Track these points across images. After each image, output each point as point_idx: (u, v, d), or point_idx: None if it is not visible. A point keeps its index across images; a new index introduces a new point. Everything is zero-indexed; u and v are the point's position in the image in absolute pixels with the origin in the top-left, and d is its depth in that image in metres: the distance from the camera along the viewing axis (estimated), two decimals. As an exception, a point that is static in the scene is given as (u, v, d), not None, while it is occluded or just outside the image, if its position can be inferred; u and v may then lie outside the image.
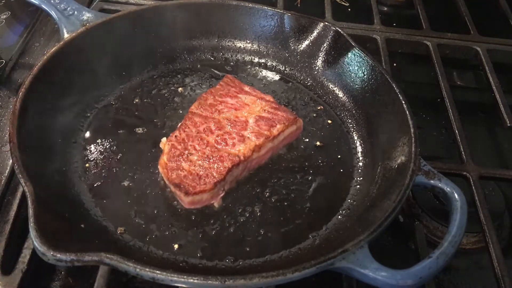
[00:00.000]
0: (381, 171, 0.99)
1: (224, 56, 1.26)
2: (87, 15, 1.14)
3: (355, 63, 1.13)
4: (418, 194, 1.07)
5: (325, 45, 1.19)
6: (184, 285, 0.72)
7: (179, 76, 1.20)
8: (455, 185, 0.88)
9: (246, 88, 1.10)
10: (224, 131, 1.00)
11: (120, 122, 1.08)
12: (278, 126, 1.02)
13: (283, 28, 1.22)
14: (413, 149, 0.92)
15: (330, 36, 1.17)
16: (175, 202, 0.94)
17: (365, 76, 1.11)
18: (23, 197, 0.93)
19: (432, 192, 1.05)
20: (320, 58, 1.20)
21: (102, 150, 1.02)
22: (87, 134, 1.04)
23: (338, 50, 1.17)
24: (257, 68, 1.24)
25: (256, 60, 1.25)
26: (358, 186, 1.01)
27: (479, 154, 1.16)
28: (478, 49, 1.39)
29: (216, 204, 0.94)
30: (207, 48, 1.25)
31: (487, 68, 1.33)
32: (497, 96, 1.25)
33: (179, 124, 1.03)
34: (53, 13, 1.13)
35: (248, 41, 1.25)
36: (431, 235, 1.03)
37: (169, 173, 0.92)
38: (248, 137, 0.99)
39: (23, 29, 1.30)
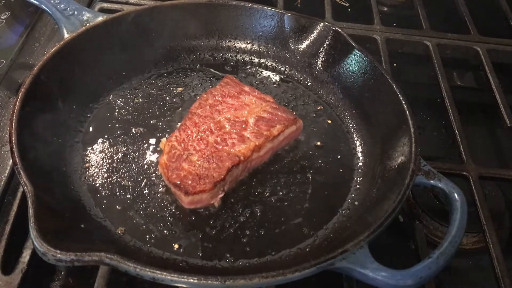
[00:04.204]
0: (381, 171, 0.99)
1: (224, 56, 1.26)
2: (87, 15, 1.14)
3: (355, 63, 1.13)
4: (418, 194, 1.06)
5: (325, 45, 1.19)
6: (184, 285, 0.72)
7: (179, 76, 1.20)
8: (455, 185, 0.88)
9: (246, 88, 1.10)
10: (224, 131, 1.00)
11: (120, 122, 1.08)
12: (278, 126, 1.02)
13: (283, 28, 1.22)
14: (413, 149, 0.92)
15: (330, 36, 1.17)
16: (175, 202, 0.94)
17: (365, 76, 1.11)
18: (23, 197, 0.93)
19: (432, 192, 1.06)
20: (320, 58, 1.20)
21: (102, 150, 1.02)
22: (87, 134, 1.04)
23: (338, 50, 1.17)
24: (257, 68, 1.24)
25: (256, 60, 1.25)
26: (358, 186, 1.01)
27: (479, 154, 1.16)
28: (478, 49, 1.39)
29: (216, 204, 0.94)
30: (207, 48, 1.25)
31: (487, 68, 1.33)
32: (497, 96, 1.25)
33: (179, 124, 1.03)
34: (53, 13, 1.13)
35: (248, 41, 1.25)
36: (431, 235, 1.03)
37: (169, 173, 0.92)
38: (248, 137, 0.99)
39: (23, 29, 1.29)
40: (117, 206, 0.93)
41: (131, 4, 1.40)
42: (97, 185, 0.96)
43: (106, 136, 1.04)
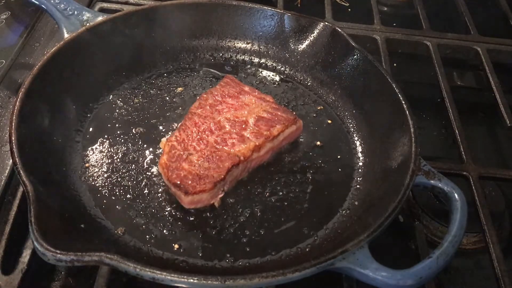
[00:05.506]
0: (381, 171, 0.99)
1: (224, 56, 1.26)
2: (87, 15, 1.14)
3: (355, 63, 1.13)
4: (418, 194, 1.06)
5: (325, 45, 1.19)
6: (184, 285, 0.72)
7: (179, 76, 1.20)
8: (455, 185, 0.88)
9: (246, 88, 1.10)
10: (224, 131, 1.00)
11: (120, 122, 1.08)
12: (277, 126, 1.02)
13: (283, 28, 1.22)
14: (413, 149, 0.92)
15: (330, 36, 1.17)
16: (175, 202, 0.94)
17: (365, 76, 1.11)
18: (23, 197, 0.93)
19: (432, 192, 1.05)
20: (320, 58, 1.20)
21: (102, 150, 1.02)
22: (87, 134, 1.04)
23: (338, 50, 1.17)
24: (257, 68, 1.24)
25: (256, 60, 1.25)
26: (358, 186, 1.01)
27: (479, 154, 1.16)
28: (478, 49, 1.39)
29: (216, 204, 0.94)
30: (207, 48, 1.25)
31: (487, 68, 1.33)
32: (497, 96, 1.25)
33: (179, 124, 1.03)
34: (53, 13, 1.13)
35: (248, 41, 1.25)
36: (431, 235, 1.03)
37: (169, 173, 0.92)
38: (248, 137, 0.99)
39: (23, 29, 1.30)
40: (117, 206, 0.93)
41: (131, 4, 1.40)
42: (97, 185, 0.96)
43: (106, 136, 1.04)
